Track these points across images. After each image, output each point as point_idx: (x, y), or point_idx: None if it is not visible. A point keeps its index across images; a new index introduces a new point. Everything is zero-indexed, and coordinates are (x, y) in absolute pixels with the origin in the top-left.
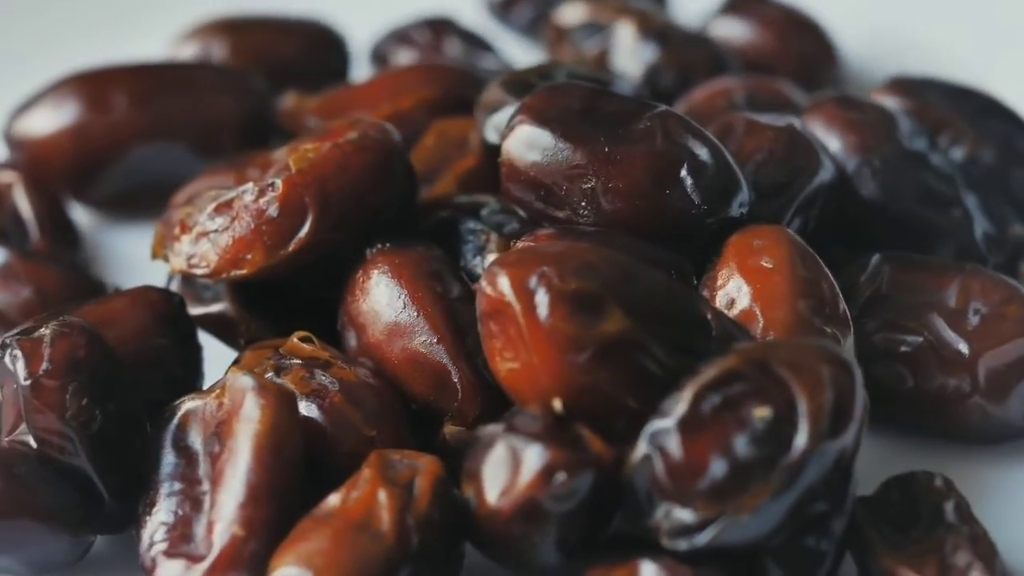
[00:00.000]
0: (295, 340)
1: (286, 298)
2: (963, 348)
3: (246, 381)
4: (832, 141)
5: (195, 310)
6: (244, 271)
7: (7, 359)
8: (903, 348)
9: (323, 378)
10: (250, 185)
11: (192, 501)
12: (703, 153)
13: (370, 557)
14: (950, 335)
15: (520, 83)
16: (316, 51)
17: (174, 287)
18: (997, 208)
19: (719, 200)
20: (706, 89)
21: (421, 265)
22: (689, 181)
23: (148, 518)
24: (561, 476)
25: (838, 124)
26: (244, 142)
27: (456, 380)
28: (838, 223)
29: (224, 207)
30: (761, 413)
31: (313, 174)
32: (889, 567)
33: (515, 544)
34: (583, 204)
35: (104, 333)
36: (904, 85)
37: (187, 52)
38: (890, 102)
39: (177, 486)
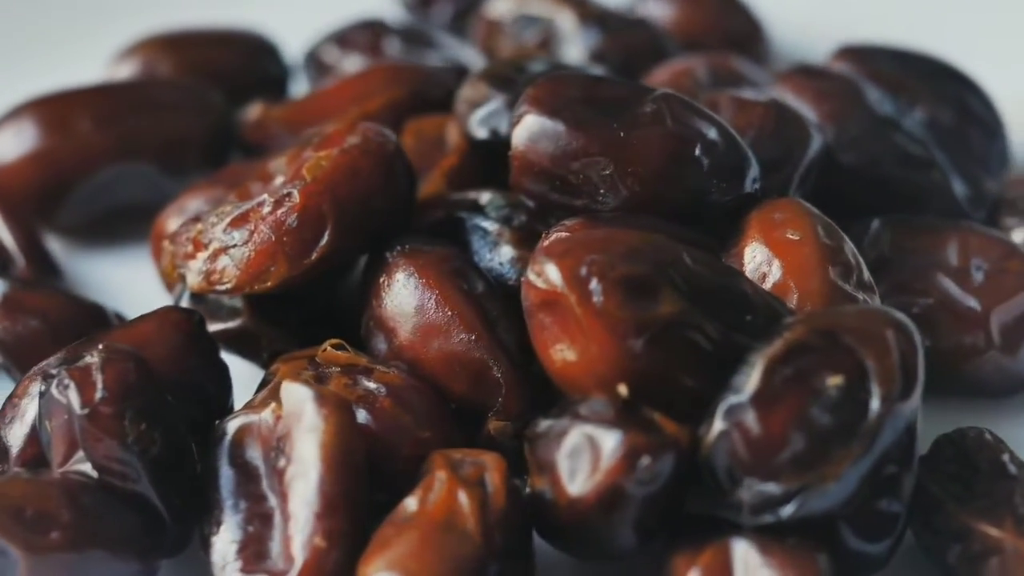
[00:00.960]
0: (329, 348)
1: (298, 308)
2: (974, 305)
3: (304, 391)
4: (805, 112)
5: (213, 327)
6: (269, 283)
7: (54, 390)
8: (915, 310)
9: (368, 384)
10: (266, 197)
11: (261, 518)
12: (712, 132)
13: (460, 557)
14: (958, 293)
15: (500, 76)
16: (255, 61)
17: (183, 298)
18: (966, 166)
19: (734, 177)
20: (667, 69)
21: (444, 264)
22: (704, 160)
23: (215, 538)
24: (646, 460)
25: (809, 95)
26: (208, 158)
27: (498, 375)
28: (820, 193)
29: (240, 221)
30: (834, 381)
31: (327, 182)
32: (964, 523)
33: (594, 532)
34: (601, 191)
35: None
36: (855, 53)
37: (125, 71)
38: (844, 70)
39: (242, 504)
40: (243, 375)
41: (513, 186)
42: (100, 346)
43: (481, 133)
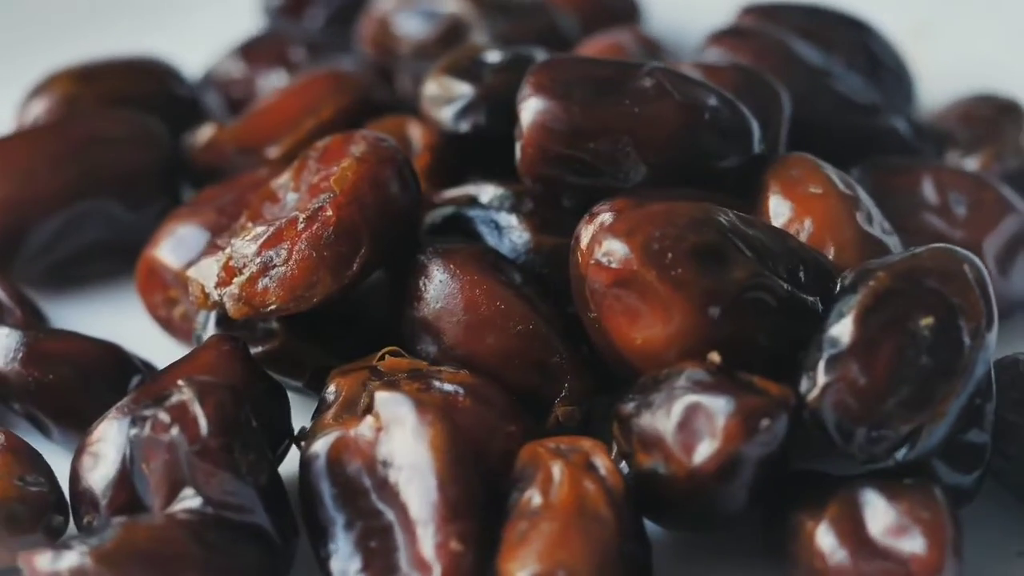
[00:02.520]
0: (388, 357)
1: (332, 323)
2: (964, 237)
3: (403, 400)
4: None
5: (253, 351)
6: (316, 298)
7: (149, 432)
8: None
9: (444, 386)
10: (299, 213)
11: (379, 532)
12: (713, 98)
13: (604, 540)
14: (946, 228)
15: (462, 69)
16: (165, 86)
17: (210, 334)
18: (896, 107)
19: (742, 139)
20: (597, 44)
21: (482, 258)
22: (714, 126)
23: (333, 560)
24: (766, 421)
25: (747, 54)
26: (164, 188)
27: (560, 362)
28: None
29: (274, 241)
30: (926, 321)
31: (354, 192)
32: None
33: (709, 502)
34: (623, 167)
35: None
36: (761, 10)
37: (40, 108)
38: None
39: (355, 521)
40: None
41: (525, 174)
42: (181, 381)
43: (463, 127)
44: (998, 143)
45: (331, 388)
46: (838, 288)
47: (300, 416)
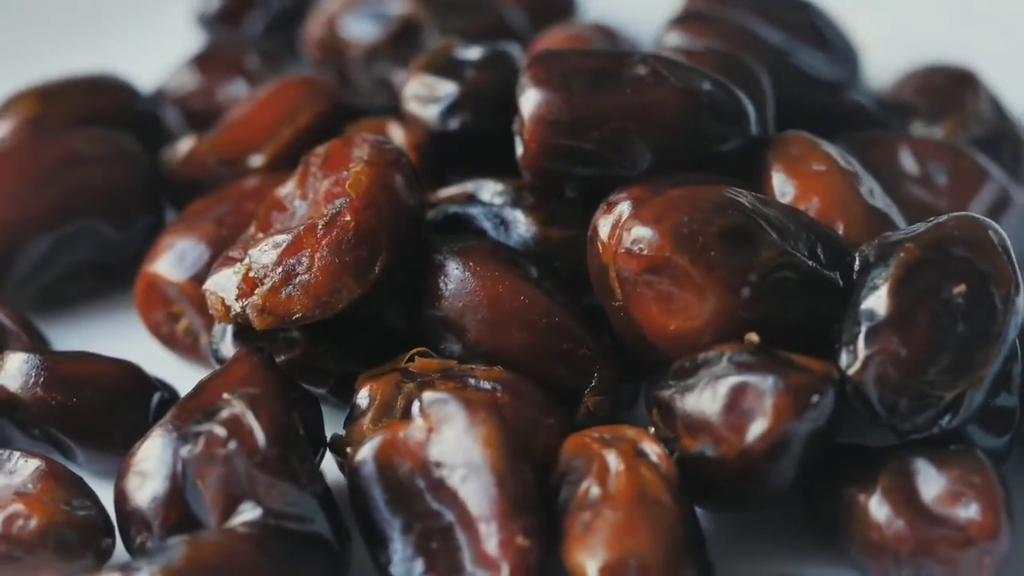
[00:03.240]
0: (418, 358)
1: (350, 328)
2: (949, 205)
3: (451, 400)
4: None
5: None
6: (341, 304)
7: (204, 448)
8: None
9: (480, 383)
10: (318, 220)
11: (439, 533)
12: (708, 83)
13: (668, 525)
14: (931, 198)
15: (441, 67)
16: (126, 102)
17: (227, 348)
18: (852, 82)
19: (741, 120)
20: (557, 35)
21: (497, 254)
22: (713, 110)
23: (394, 565)
24: (815, 397)
25: (711, 37)
26: (147, 204)
27: (587, 352)
28: None
29: (293, 249)
30: (959, 289)
31: (369, 196)
32: None
33: (758, 481)
34: (626, 156)
35: None
36: None
37: (4, 128)
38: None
39: (412, 524)
40: None
41: (528, 168)
42: (228, 395)
43: (452, 125)
44: (960, 112)
45: (363, 393)
46: (857, 263)
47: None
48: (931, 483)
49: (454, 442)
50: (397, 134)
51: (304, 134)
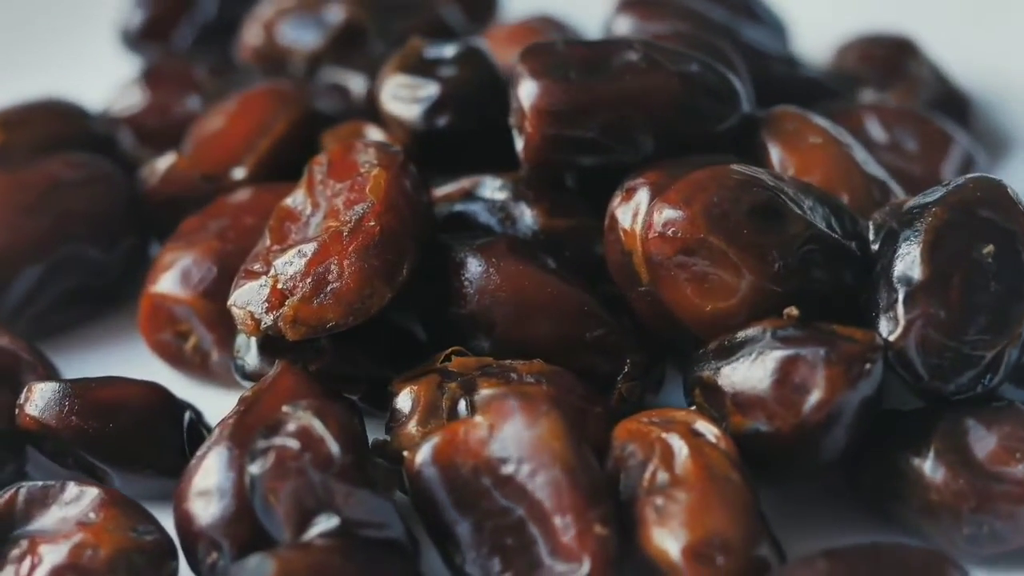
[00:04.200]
0: (454, 357)
1: (374, 332)
2: (923, 171)
3: (509, 395)
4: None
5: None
6: (373, 308)
7: (271, 463)
8: None
9: (524, 377)
10: (341, 227)
11: (512, 530)
12: (696, 65)
13: (742, 501)
14: (905, 164)
15: (415, 67)
16: (81, 125)
17: (253, 362)
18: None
19: (734, 100)
20: (510, 30)
21: (515, 248)
22: (707, 91)
23: (469, 565)
24: (868, 365)
25: (662, 19)
26: (132, 225)
27: (616, 338)
28: None
29: (319, 258)
30: (988, 250)
31: (389, 199)
32: None
33: (811, 452)
34: (630, 142)
35: None
36: None
37: None
38: None
39: (482, 523)
40: None
41: (531, 160)
42: (289, 408)
43: (439, 124)
44: (907, 79)
45: (403, 397)
46: (872, 231)
47: None
48: (983, 441)
49: (518, 437)
50: (376, 137)
51: (281, 143)
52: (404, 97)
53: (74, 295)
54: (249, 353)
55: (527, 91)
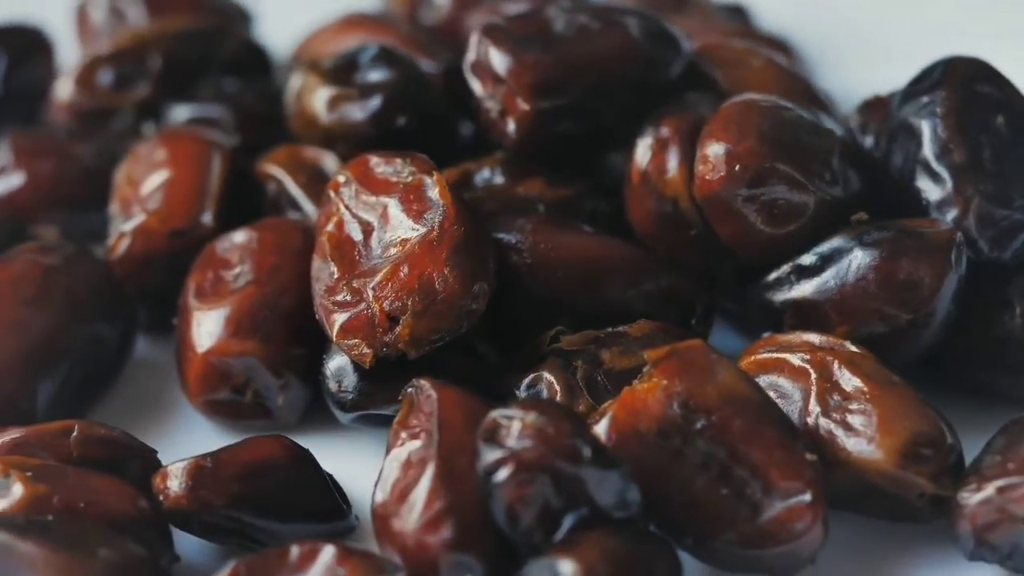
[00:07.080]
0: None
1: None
2: None
3: (673, 353)
4: None
5: None
6: (480, 307)
7: (510, 471)
8: None
9: (641, 346)
10: (428, 238)
11: (720, 481)
12: (640, 19)
13: (914, 397)
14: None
15: (341, 79)
16: None
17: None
18: None
19: (678, 44)
20: (334, 28)
21: (553, 220)
22: (656, 41)
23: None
24: (963, 246)
25: None
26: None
27: (685, 285)
28: None
29: (415, 272)
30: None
31: (456, 201)
32: None
33: (927, 338)
34: (609, 101)
35: None
36: None
37: None
38: None
39: (688, 481)
40: None
41: (525, 137)
42: (495, 414)
43: (400, 121)
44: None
45: (536, 386)
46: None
47: None
48: None
49: (701, 388)
50: (323, 156)
51: (229, 178)
52: (343, 107)
53: (91, 376)
54: (344, 379)
55: (512, 70)
